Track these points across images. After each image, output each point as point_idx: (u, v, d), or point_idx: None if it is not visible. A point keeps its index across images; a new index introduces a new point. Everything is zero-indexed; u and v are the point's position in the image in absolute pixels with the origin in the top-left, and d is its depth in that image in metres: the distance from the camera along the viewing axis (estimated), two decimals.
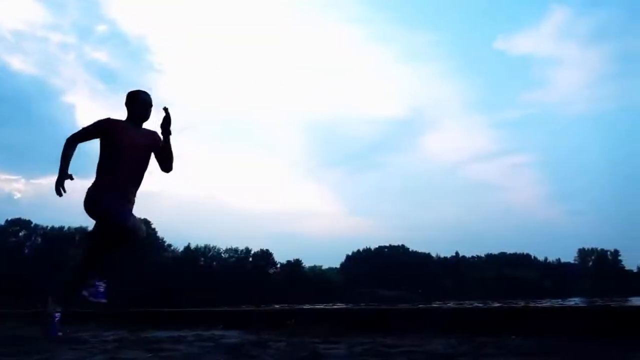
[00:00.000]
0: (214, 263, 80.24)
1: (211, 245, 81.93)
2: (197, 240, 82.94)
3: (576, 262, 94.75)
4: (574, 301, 29.02)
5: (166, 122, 3.12)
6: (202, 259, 79.82)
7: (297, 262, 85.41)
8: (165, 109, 3.10)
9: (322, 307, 3.35)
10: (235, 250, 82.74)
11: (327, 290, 70.55)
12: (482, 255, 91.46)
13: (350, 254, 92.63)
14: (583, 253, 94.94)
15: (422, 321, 2.31)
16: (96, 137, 3.06)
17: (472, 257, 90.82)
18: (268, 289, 69.46)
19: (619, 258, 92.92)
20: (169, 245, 70.99)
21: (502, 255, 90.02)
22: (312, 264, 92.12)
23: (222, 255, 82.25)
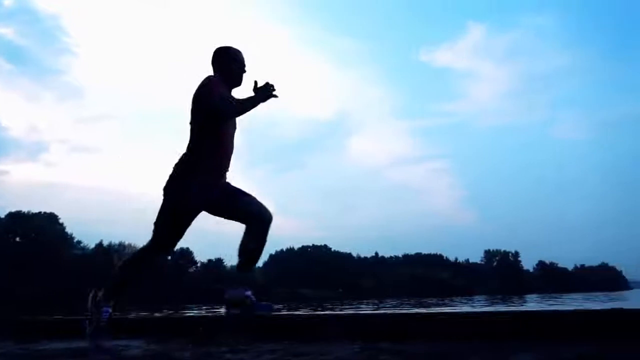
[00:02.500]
0: None
1: (127, 243, 77.68)
2: (112, 237, 77.80)
3: (482, 262, 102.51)
4: (478, 299, 31.36)
5: (265, 98, 2.42)
6: (116, 256, 75.36)
7: (219, 261, 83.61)
8: (272, 86, 2.41)
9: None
10: None
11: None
12: (400, 255, 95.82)
13: (273, 253, 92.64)
14: (489, 254, 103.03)
15: (333, 328, 2.37)
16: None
17: (391, 257, 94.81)
18: (187, 289, 67.24)
19: (519, 259, 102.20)
20: (79, 242, 65.91)
21: (418, 255, 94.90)
22: (235, 263, 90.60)
23: None
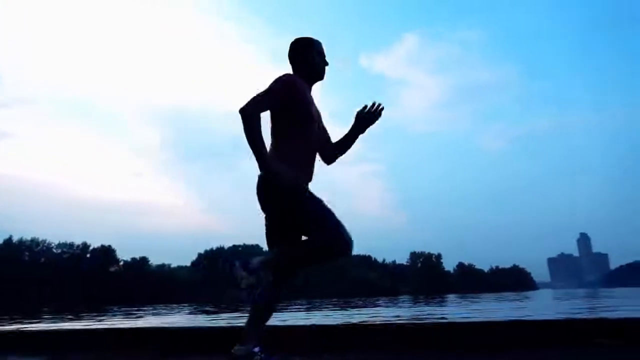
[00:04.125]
0: (42, 259, 70.40)
1: (40, 239, 72.00)
2: (22, 232, 71.84)
3: (408, 263, 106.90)
4: (403, 299, 32.68)
5: (372, 122, 2.38)
6: (27, 253, 69.57)
7: (144, 260, 79.93)
8: (379, 107, 2.35)
9: (147, 326, 3.19)
10: (71, 245, 74.00)
11: (175, 291, 67.46)
12: None
13: (202, 252, 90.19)
14: (414, 256, 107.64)
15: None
16: (278, 104, 2.15)
17: None
18: (108, 288, 63.57)
19: (441, 260, 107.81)
20: None
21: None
22: (161, 262, 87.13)
23: (54, 250, 72.83)
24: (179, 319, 11.33)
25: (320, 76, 2.32)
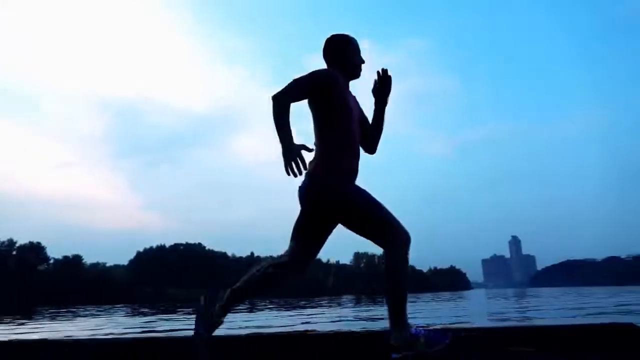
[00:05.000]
0: None
1: None
2: None
3: (352, 263, 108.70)
4: (345, 299, 33.22)
5: (386, 88, 2.32)
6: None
7: (77, 258, 75.65)
8: (385, 71, 2.30)
9: (69, 339, 2.87)
10: None
11: (111, 291, 64.40)
12: (275, 255, 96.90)
13: (141, 250, 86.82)
14: (358, 256, 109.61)
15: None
16: (311, 95, 2.10)
17: (266, 256, 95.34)
18: (37, 288, 59.58)
19: (383, 261, 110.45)
20: None
21: None
22: (95, 261, 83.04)
23: None
24: (103, 322, 10.84)
25: (356, 74, 2.27)
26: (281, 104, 1.98)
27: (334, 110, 2.11)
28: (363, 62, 2.28)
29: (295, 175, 1.90)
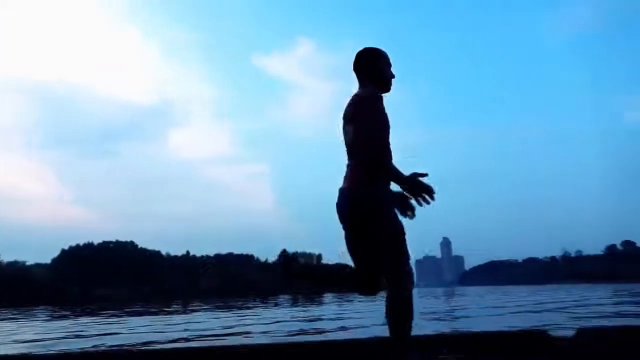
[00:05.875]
0: None
1: None
2: None
3: None
4: (282, 299, 33.09)
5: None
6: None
7: None
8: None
9: None
10: None
11: (32, 291, 59.89)
12: (212, 254, 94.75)
13: (66, 248, 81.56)
14: (297, 255, 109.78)
15: None
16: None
17: (202, 256, 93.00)
18: None
19: (322, 261, 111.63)
20: None
21: (230, 255, 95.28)
22: (13, 259, 76.94)
23: None
24: (16, 327, 10.16)
25: (388, 88, 2.19)
26: (390, 169, 1.99)
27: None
28: (394, 76, 2.21)
29: (427, 203, 1.96)
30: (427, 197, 1.95)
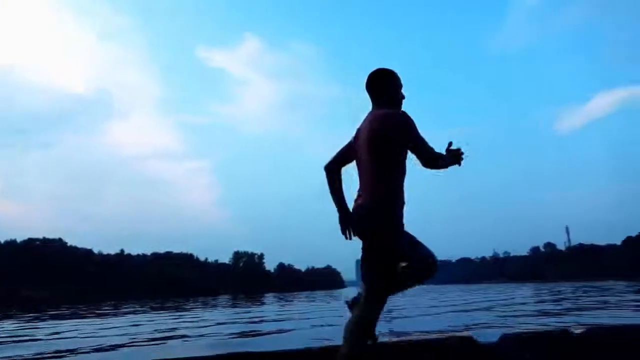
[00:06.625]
0: None
1: None
2: None
3: (231, 262, 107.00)
4: (222, 299, 32.52)
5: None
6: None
7: None
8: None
9: None
10: None
11: None
12: (149, 253, 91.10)
13: None
14: (237, 255, 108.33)
15: None
16: None
17: (138, 254, 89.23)
18: None
19: (263, 261, 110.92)
20: None
21: (168, 254, 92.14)
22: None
23: None
24: None
25: (399, 108, 2.27)
26: (443, 164, 2.13)
27: (404, 150, 2.16)
28: (404, 97, 2.30)
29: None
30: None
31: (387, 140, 2.09)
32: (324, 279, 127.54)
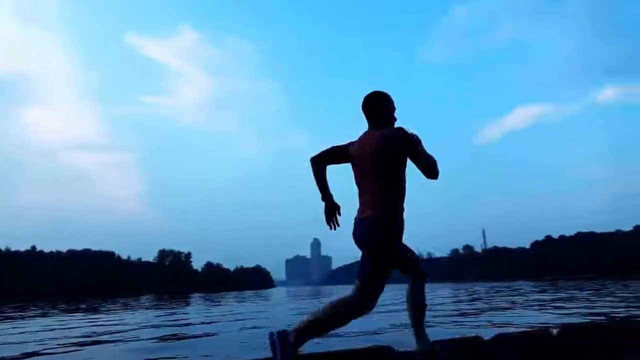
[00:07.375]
0: None
1: None
2: None
3: (155, 261, 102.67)
4: (145, 299, 31.20)
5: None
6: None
7: None
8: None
9: None
10: None
11: None
12: (64, 250, 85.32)
13: None
14: (163, 254, 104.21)
15: None
16: None
17: (52, 252, 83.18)
18: None
19: (190, 259, 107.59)
20: None
21: (86, 251, 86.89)
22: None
23: None
24: None
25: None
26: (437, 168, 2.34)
27: (404, 165, 2.35)
28: (396, 119, 2.47)
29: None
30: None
31: (390, 159, 2.28)
32: (253, 279, 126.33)
